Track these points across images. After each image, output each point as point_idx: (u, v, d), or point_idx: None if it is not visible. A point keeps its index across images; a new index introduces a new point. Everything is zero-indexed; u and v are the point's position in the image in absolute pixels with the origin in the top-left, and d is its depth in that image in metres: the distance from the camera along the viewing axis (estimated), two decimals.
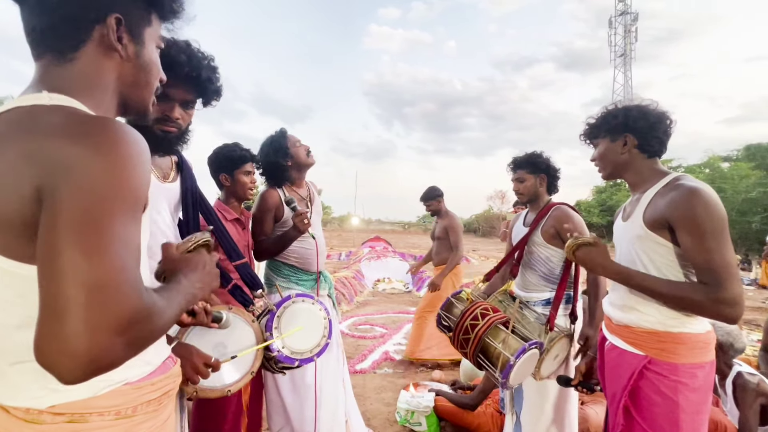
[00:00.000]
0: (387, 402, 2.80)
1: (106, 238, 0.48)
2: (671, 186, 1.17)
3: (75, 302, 0.45)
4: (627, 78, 44.54)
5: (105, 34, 0.60)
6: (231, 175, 1.91)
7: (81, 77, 0.60)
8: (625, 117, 1.27)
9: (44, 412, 0.56)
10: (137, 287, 0.51)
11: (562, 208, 1.87)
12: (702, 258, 1.07)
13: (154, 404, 0.66)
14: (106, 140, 0.51)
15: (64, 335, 0.45)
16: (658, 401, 1.15)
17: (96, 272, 0.46)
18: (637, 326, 1.23)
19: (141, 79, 0.66)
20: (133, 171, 0.52)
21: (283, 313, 1.25)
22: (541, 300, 1.85)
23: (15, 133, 0.51)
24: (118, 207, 0.50)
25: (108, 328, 0.46)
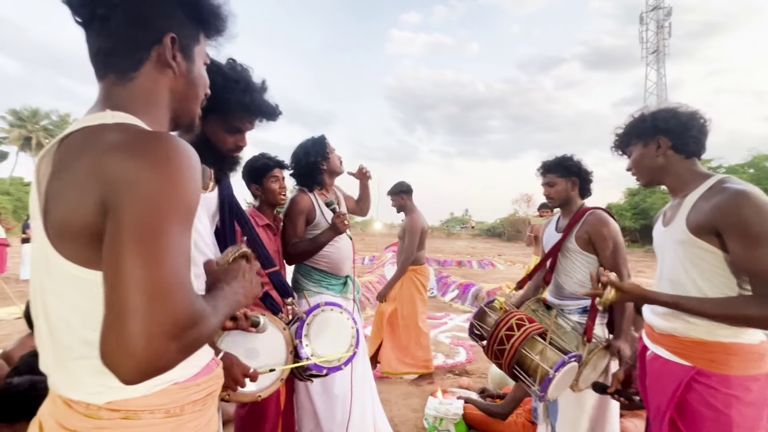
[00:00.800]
0: (414, 408, 2.78)
1: (164, 248, 0.51)
2: (716, 189, 1.12)
3: (135, 307, 0.48)
4: (660, 75, 42.69)
5: (161, 53, 0.65)
6: (260, 184, 1.99)
7: (140, 95, 0.65)
8: (654, 119, 1.24)
9: (102, 408, 0.60)
10: (190, 294, 0.54)
11: (596, 213, 1.81)
12: (755, 266, 1.01)
13: (200, 404, 0.69)
14: (163, 155, 0.55)
15: (125, 338, 0.48)
16: (709, 415, 1.10)
17: (154, 280, 0.50)
18: (683, 335, 1.17)
19: (191, 93, 0.71)
20: (187, 183, 0.55)
21: (312, 321, 1.28)
22: (577, 308, 1.80)
23: (83, 150, 0.56)
24: (174, 218, 0.53)
25: (164, 333, 0.49)
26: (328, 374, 1.26)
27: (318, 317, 1.30)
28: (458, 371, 3.57)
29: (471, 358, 3.85)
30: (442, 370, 3.58)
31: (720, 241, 1.08)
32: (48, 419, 0.64)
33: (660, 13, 43.08)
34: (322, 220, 1.96)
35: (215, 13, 0.70)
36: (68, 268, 0.57)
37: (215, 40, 0.76)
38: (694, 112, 1.22)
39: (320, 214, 1.96)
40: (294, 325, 1.27)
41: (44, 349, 0.64)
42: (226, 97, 1.03)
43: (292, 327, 1.27)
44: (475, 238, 39.44)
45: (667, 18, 43.15)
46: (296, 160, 2.01)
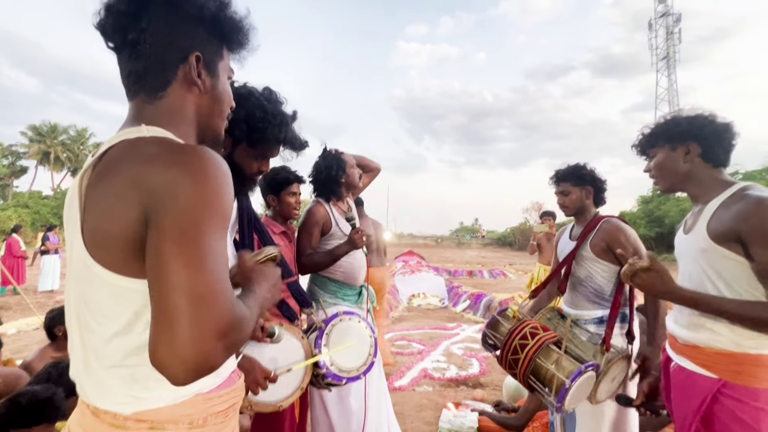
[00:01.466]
0: (428, 421, 2.74)
1: (205, 253, 0.53)
2: (738, 196, 1.10)
3: (182, 311, 0.50)
4: (671, 81, 42.28)
5: (188, 72, 0.67)
6: (278, 196, 2.03)
7: (170, 112, 0.67)
8: (690, 124, 1.21)
9: (129, 418, 0.61)
10: (231, 297, 0.56)
11: (612, 221, 1.79)
12: None
13: (222, 416, 0.69)
14: (200, 166, 0.57)
15: (174, 341, 0.50)
16: (736, 430, 1.06)
17: (199, 283, 0.52)
18: (708, 346, 1.14)
19: (216, 109, 0.73)
20: (222, 192, 0.58)
21: (331, 331, 1.28)
22: (593, 318, 1.76)
23: (123, 162, 0.58)
24: (212, 224, 0.55)
25: (211, 335, 0.51)
26: (347, 383, 1.26)
27: (337, 326, 1.30)
28: (472, 383, 3.51)
29: (484, 370, 3.79)
30: (455, 382, 3.52)
31: (743, 249, 1.06)
32: (76, 428, 0.65)
33: (669, 19, 42.83)
34: (337, 231, 1.98)
35: (237, 28, 0.72)
36: (106, 276, 0.58)
37: (238, 54, 0.77)
38: (729, 123, 1.21)
39: (335, 226, 1.98)
40: (313, 334, 1.28)
41: (76, 358, 0.65)
42: (262, 130, 1.07)
43: (311, 336, 1.27)
44: (485, 248, 39.06)
45: (677, 24, 42.85)
46: (317, 170, 2.05)
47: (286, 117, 1.10)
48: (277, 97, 1.11)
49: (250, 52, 0.79)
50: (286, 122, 1.10)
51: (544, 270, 4.92)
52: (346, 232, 1.98)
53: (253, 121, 1.04)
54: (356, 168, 2.08)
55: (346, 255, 1.88)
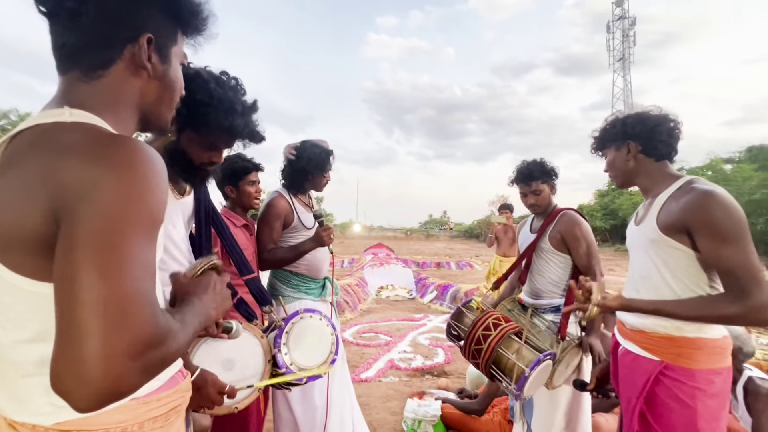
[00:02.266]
0: (393, 411, 2.77)
1: (125, 261, 0.47)
2: (685, 189, 1.16)
3: (91, 327, 0.44)
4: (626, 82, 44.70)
5: (136, 53, 0.60)
6: (236, 186, 1.92)
7: (107, 94, 0.60)
8: (623, 125, 1.29)
9: (50, 429, 0.56)
10: (154, 310, 0.50)
11: (569, 213, 1.86)
12: (724, 264, 1.05)
13: (161, 420, 0.65)
14: (125, 160, 0.50)
15: (80, 360, 0.44)
16: (675, 408, 1.14)
17: (112, 296, 0.46)
18: (653, 331, 1.21)
19: (165, 97, 0.67)
20: (151, 192, 0.51)
21: (291, 329, 1.24)
22: (551, 306, 1.84)
23: (34, 151, 0.51)
24: (136, 229, 0.49)
25: (124, 353, 0.45)
26: (308, 382, 1.23)
27: (297, 324, 1.26)
28: (437, 372, 3.59)
29: (449, 359, 3.88)
30: (421, 371, 3.59)
31: (690, 240, 1.12)
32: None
33: (625, 22, 45.15)
34: (299, 224, 1.91)
35: (195, 12, 0.66)
36: (14, 280, 0.52)
37: (194, 40, 0.71)
38: (662, 116, 1.27)
39: (297, 219, 1.91)
40: (272, 333, 1.24)
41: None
42: (204, 115, 0.98)
43: (270, 335, 1.23)
44: (453, 240, 39.93)
45: (632, 27, 45.28)
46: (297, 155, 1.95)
47: (235, 104, 1.01)
48: (233, 84, 1.03)
49: (207, 39, 0.72)
50: (235, 110, 1.00)
51: (500, 261, 5.09)
52: (308, 225, 1.93)
53: (195, 105, 0.95)
54: (328, 176, 1.99)
55: (311, 251, 1.82)
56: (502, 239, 5.15)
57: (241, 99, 1.03)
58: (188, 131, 1.02)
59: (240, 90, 1.04)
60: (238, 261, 1.36)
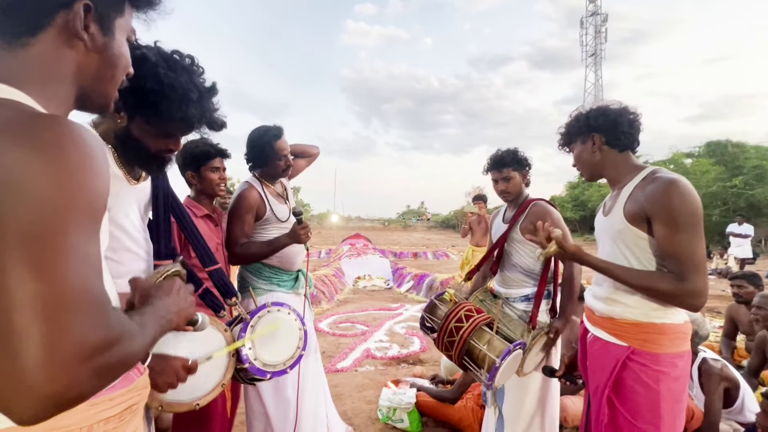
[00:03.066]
0: (369, 400, 2.79)
1: (61, 256, 0.43)
2: (649, 179, 1.20)
3: (29, 331, 0.40)
4: (597, 77, 46.04)
5: (70, 21, 0.53)
6: (197, 172, 1.82)
7: (34, 66, 0.52)
8: (586, 119, 1.34)
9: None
10: (103, 308, 0.46)
11: (540, 204, 1.89)
12: (672, 249, 1.11)
13: (114, 421, 0.61)
14: (53, 142, 0.45)
15: (19, 369, 0.39)
16: (640, 391, 1.18)
17: (51, 295, 0.41)
18: (621, 318, 1.25)
19: (106, 73, 0.60)
20: (87, 178, 0.46)
21: (257, 323, 1.20)
22: (521, 296, 1.87)
23: None
24: (71, 219, 0.44)
25: (70, 357, 0.41)
26: (272, 378, 1.20)
27: (263, 318, 1.22)
28: (412, 360, 3.63)
29: (424, 347, 3.94)
30: (397, 360, 3.63)
31: (649, 228, 1.17)
32: None
33: (598, 18, 46.27)
34: (272, 216, 1.83)
35: None
36: None
37: (145, 14, 0.64)
38: (623, 108, 1.31)
39: (270, 210, 1.83)
40: (237, 327, 1.20)
41: None
42: (155, 105, 0.87)
43: (235, 329, 1.19)
44: (430, 230, 40.36)
45: (604, 23, 46.47)
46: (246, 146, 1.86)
47: (191, 92, 0.89)
48: (185, 65, 0.90)
49: (160, 14, 0.65)
50: (189, 98, 0.89)
51: (473, 251, 5.19)
52: (282, 218, 1.86)
53: (143, 93, 0.84)
54: (287, 157, 1.87)
55: (286, 247, 1.75)
56: (476, 229, 5.24)
57: (196, 83, 0.92)
58: (138, 119, 0.92)
59: (195, 71, 0.93)
60: (200, 251, 1.30)
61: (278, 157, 1.84)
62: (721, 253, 10.39)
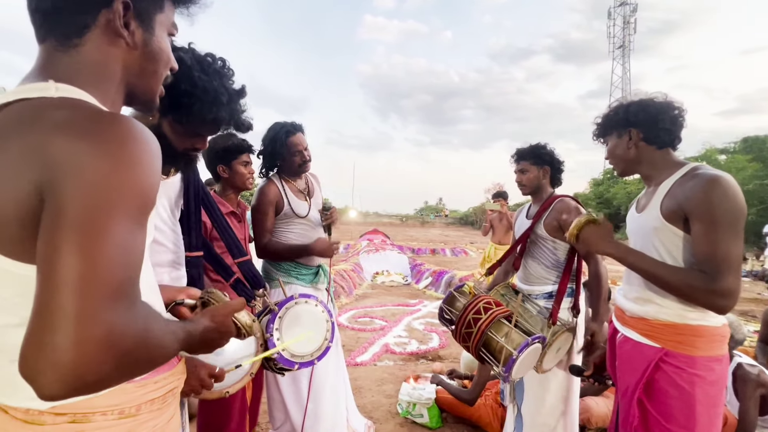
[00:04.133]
0: (388, 394, 2.81)
1: (107, 246, 0.45)
2: (690, 175, 1.15)
3: (66, 310, 0.42)
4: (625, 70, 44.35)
5: (111, 19, 0.56)
6: (228, 166, 1.87)
7: (87, 66, 0.56)
8: (626, 112, 1.28)
9: (45, 412, 0.54)
10: (133, 302, 0.48)
11: (565, 200, 1.85)
12: (707, 247, 1.06)
13: (158, 402, 0.65)
14: (115, 138, 0.48)
15: (50, 344, 0.42)
16: (674, 394, 1.14)
17: (93, 280, 0.44)
18: (654, 318, 1.21)
19: (148, 69, 0.62)
20: (141, 173, 0.49)
21: (285, 314, 1.22)
22: (543, 293, 1.84)
23: (19, 127, 0.48)
24: (123, 211, 0.47)
25: (97, 341, 0.43)
26: (300, 368, 1.22)
27: (291, 310, 1.24)
28: (431, 356, 3.63)
29: (444, 343, 3.93)
30: (416, 355, 3.63)
31: (685, 225, 1.12)
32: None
33: (627, 9, 44.53)
34: (290, 212, 1.87)
35: None
36: (1, 263, 0.50)
37: (186, 9, 0.66)
38: (666, 103, 1.24)
39: (288, 206, 1.87)
40: (265, 318, 1.22)
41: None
42: (188, 106, 0.91)
43: (263, 319, 1.21)
44: (448, 227, 40.10)
45: (633, 14, 44.70)
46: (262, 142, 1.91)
47: (222, 95, 0.93)
48: (218, 68, 0.94)
49: (200, 8, 0.67)
50: (220, 101, 0.93)
51: (495, 248, 5.12)
52: (300, 213, 1.89)
53: (178, 95, 0.88)
54: (302, 152, 1.90)
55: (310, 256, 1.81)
56: (497, 227, 5.17)
57: (227, 86, 0.96)
58: (170, 118, 0.96)
59: (226, 75, 0.96)
60: (230, 243, 1.33)
61: (292, 153, 1.87)
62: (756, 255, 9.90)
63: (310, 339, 1.23)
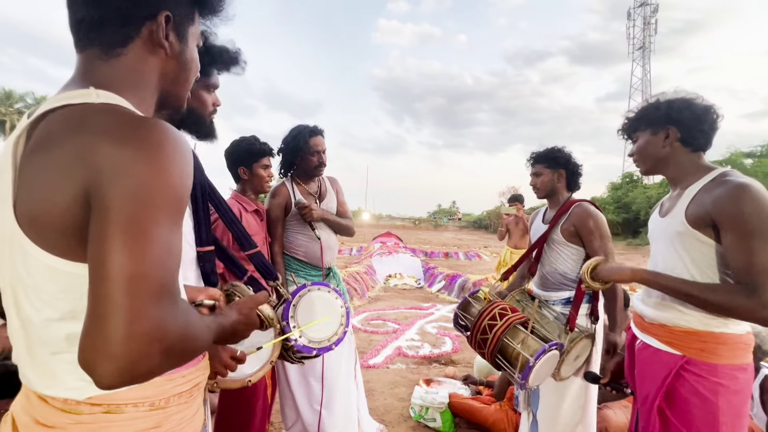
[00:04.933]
0: (401, 397, 2.80)
1: (153, 246, 0.48)
2: (718, 181, 1.11)
3: (118, 307, 0.46)
4: (645, 71, 43.33)
5: (154, 31, 0.60)
6: (249, 168, 1.93)
7: (127, 73, 0.60)
8: (669, 109, 1.21)
9: (82, 402, 0.58)
10: (175, 298, 0.51)
11: (583, 205, 1.82)
12: (742, 258, 1.02)
13: (186, 396, 0.68)
14: (155, 143, 0.51)
15: (105, 338, 0.45)
16: (696, 403, 1.11)
17: (142, 278, 0.47)
18: (675, 325, 1.18)
19: (181, 77, 0.67)
20: (178, 176, 0.52)
21: (299, 302, 1.24)
22: (561, 299, 1.82)
23: (66, 133, 0.51)
24: (166, 212, 0.50)
25: (146, 335, 0.46)
26: (319, 355, 1.24)
27: (304, 297, 1.26)
28: (444, 360, 3.61)
29: (457, 347, 3.90)
30: (428, 359, 3.61)
31: (715, 233, 1.09)
32: (22, 415, 0.60)
33: (647, 9, 43.57)
34: (296, 212, 1.93)
35: None
36: (47, 260, 0.52)
37: (210, 21, 0.71)
38: (709, 106, 1.19)
39: (295, 207, 1.93)
40: (280, 308, 1.25)
41: (17, 344, 0.60)
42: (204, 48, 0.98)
43: (278, 309, 1.24)
44: (462, 230, 39.81)
45: (654, 14, 43.70)
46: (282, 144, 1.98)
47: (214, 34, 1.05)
48: None
49: (223, 20, 0.72)
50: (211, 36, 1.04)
51: (511, 253, 5.06)
52: None
53: None
54: (320, 154, 1.98)
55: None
56: (513, 231, 5.12)
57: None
58: None
59: None
60: (239, 236, 1.35)
61: (311, 153, 1.95)
62: None
63: (327, 324, 1.25)
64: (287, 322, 1.18)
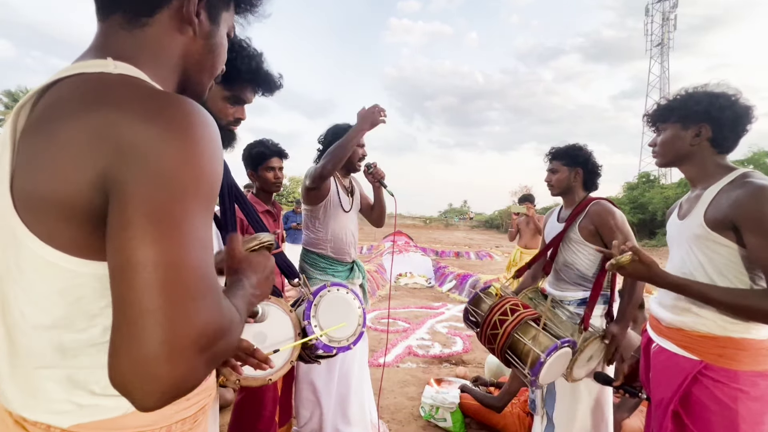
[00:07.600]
0: (411, 396, 2.79)
1: (189, 239, 0.41)
2: (738, 183, 1.08)
3: (155, 316, 0.38)
4: (664, 69, 42.32)
5: (185, 4, 0.54)
6: (255, 171, 2.02)
7: (150, 47, 0.53)
8: (710, 105, 1.12)
9: (67, 430, 0.49)
10: (219, 296, 0.44)
11: (601, 203, 1.78)
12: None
13: (189, 422, 0.59)
14: (187, 121, 0.44)
15: (144, 355, 0.38)
16: (714, 409, 1.09)
17: (179, 279, 0.40)
18: (693, 329, 1.15)
19: (207, 61, 0.60)
20: (210, 158, 0.45)
21: (319, 302, 1.26)
22: (576, 299, 1.78)
23: (79, 103, 0.43)
24: (196, 202, 0.43)
25: (192, 344, 0.39)
26: (338, 353, 1.25)
27: (325, 297, 1.28)
28: (455, 360, 3.59)
29: (468, 347, 3.87)
30: (439, 359, 3.60)
31: (737, 236, 1.06)
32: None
33: (666, 4, 42.52)
34: (337, 203, 1.98)
35: None
36: (45, 253, 0.44)
37: (244, 15, 0.66)
38: (750, 108, 1.13)
39: (337, 197, 1.98)
40: (300, 307, 1.26)
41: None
42: (231, 61, 0.96)
43: (299, 309, 1.26)
44: (473, 230, 39.55)
45: (673, 10, 42.62)
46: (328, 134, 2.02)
47: (256, 51, 1.03)
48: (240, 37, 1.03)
49: (257, 17, 0.67)
50: (257, 55, 1.02)
51: (522, 253, 5.00)
52: (345, 208, 2.00)
53: None
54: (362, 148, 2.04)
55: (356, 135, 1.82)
56: (524, 231, 5.05)
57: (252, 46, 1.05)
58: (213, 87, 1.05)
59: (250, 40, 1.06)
60: None
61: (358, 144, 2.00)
62: None
63: (346, 325, 1.27)
64: (309, 321, 1.20)
